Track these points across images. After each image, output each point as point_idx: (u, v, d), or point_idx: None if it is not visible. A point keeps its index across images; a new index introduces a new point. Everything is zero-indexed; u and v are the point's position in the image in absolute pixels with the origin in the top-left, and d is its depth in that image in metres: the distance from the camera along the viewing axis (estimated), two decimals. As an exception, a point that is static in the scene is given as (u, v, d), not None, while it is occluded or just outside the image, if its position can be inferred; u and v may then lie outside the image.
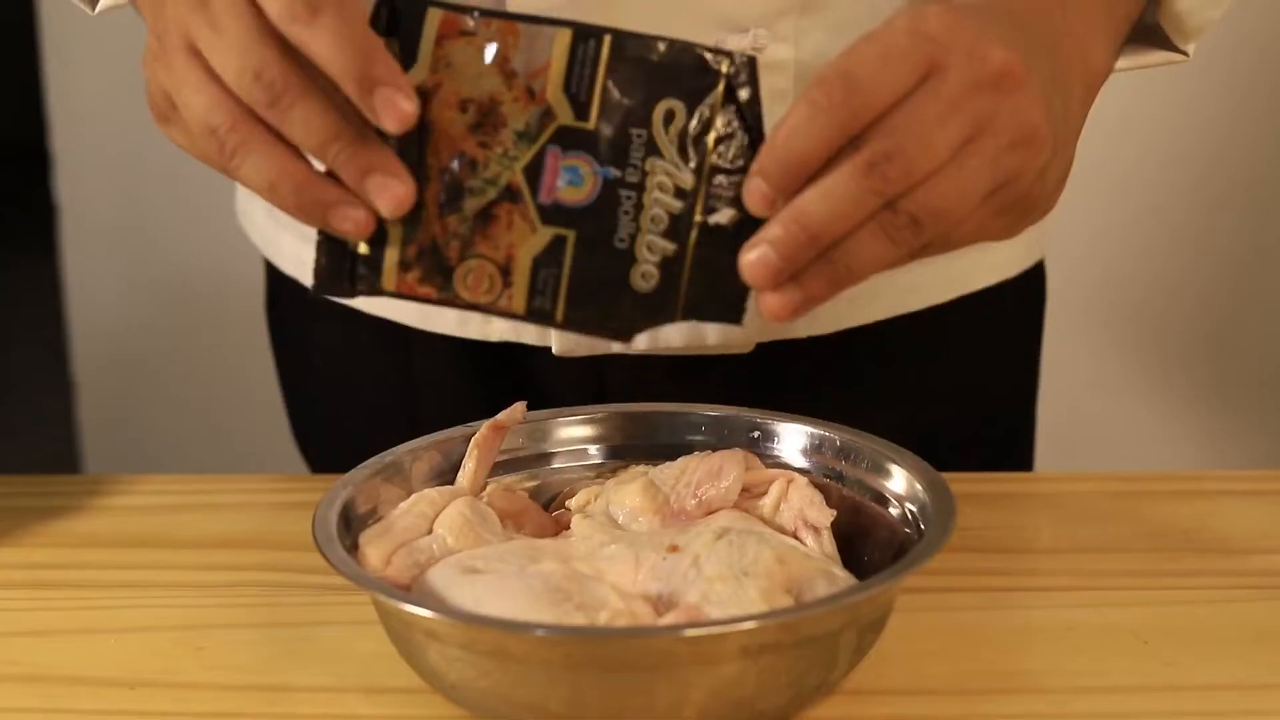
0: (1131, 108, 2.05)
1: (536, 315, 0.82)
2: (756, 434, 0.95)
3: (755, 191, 0.78)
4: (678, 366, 1.13)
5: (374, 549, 0.84)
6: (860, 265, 0.79)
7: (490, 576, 0.81)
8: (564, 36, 0.80)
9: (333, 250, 0.83)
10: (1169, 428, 2.17)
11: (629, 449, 0.96)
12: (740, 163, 0.80)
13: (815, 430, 0.94)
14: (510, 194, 0.81)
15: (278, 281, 1.29)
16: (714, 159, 0.80)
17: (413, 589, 0.82)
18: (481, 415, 0.95)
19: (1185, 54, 1.04)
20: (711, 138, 0.80)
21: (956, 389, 1.21)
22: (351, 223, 0.81)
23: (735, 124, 0.80)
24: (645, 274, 0.81)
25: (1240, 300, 2.13)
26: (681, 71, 0.80)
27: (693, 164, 0.80)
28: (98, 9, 1.10)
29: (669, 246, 0.81)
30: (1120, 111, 2.06)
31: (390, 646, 0.83)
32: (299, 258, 1.21)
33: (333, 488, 0.87)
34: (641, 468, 0.92)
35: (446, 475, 0.92)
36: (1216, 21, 1.02)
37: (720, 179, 0.80)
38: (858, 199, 0.76)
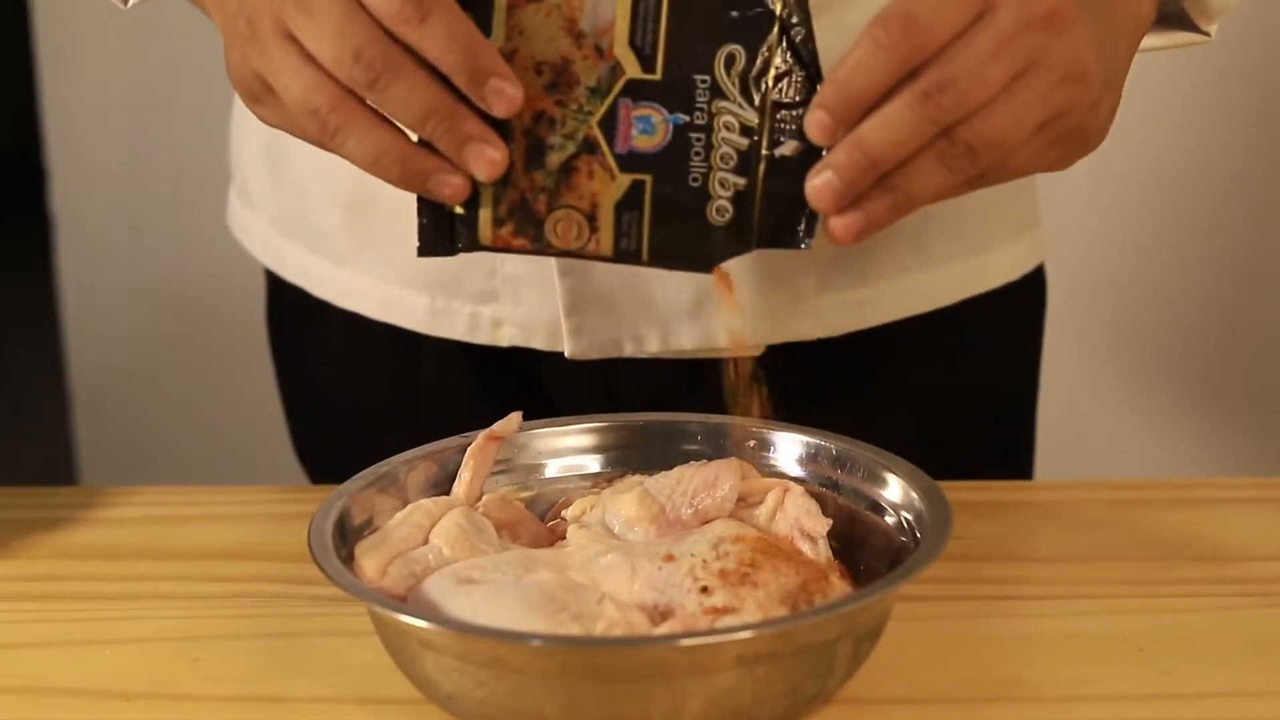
0: (1134, 114, 2.05)
1: (623, 256, 0.88)
2: (752, 443, 0.95)
3: (818, 123, 0.83)
4: (687, 370, 1.13)
5: (370, 559, 0.84)
6: (919, 191, 0.84)
7: (486, 587, 0.81)
8: None
9: (432, 213, 0.88)
10: (1167, 434, 2.17)
11: (625, 458, 0.96)
12: (799, 97, 0.85)
13: (811, 439, 0.94)
14: (589, 146, 0.87)
15: (279, 291, 1.29)
16: (775, 96, 0.85)
17: (408, 599, 0.82)
18: (488, 423, 0.95)
19: (1207, 34, 1.09)
20: (771, 76, 0.85)
21: (960, 393, 1.21)
22: (450, 188, 0.86)
23: (792, 61, 0.85)
24: (720, 209, 0.86)
25: (1240, 307, 2.13)
26: (738, 16, 0.85)
27: (755, 102, 0.85)
28: (130, 2, 1.13)
29: (740, 181, 0.86)
30: (1122, 117, 2.06)
31: (386, 657, 0.83)
32: (303, 266, 1.22)
33: (328, 498, 0.87)
34: (637, 477, 0.92)
35: (442, 485, 0.92)
36: (1235, 3, 1.07)
37: (782, 114, 0.85)
38: (914, 127, 0.82)
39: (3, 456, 3.33)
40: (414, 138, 0.86)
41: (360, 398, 1.25)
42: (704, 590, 0.79)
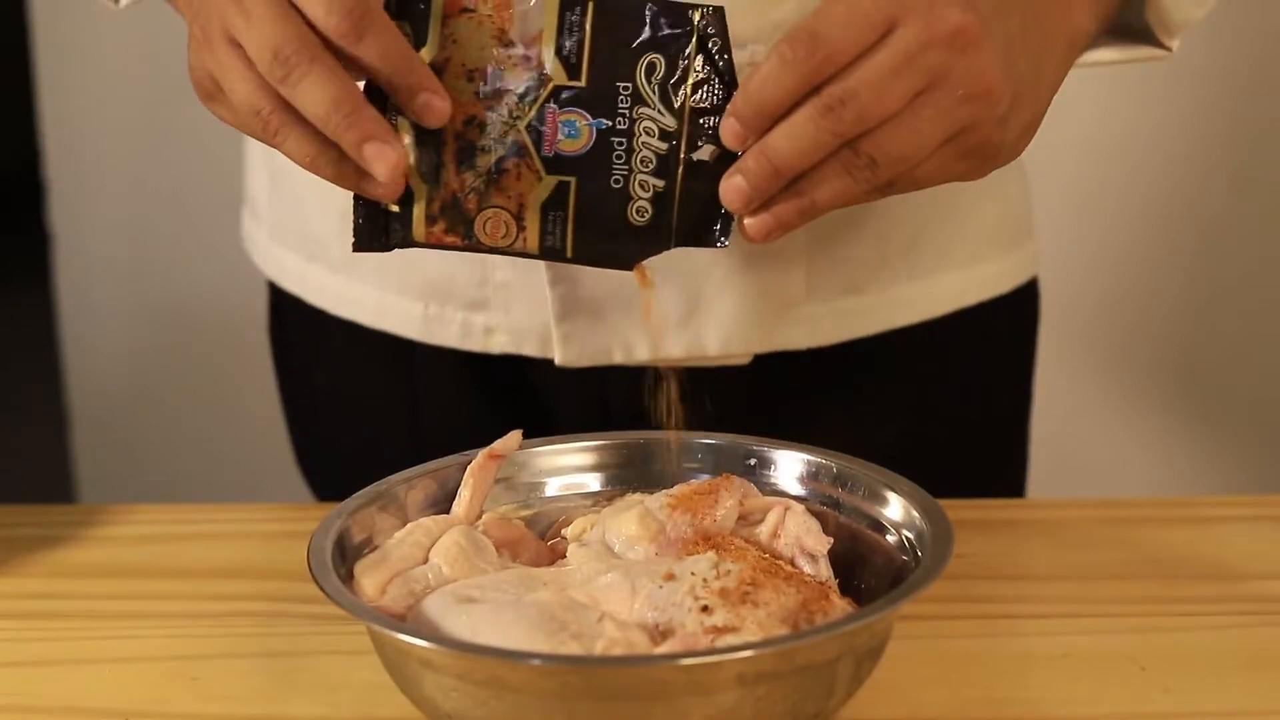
0: (1128, 129, 2.06)
1: (549, 253, 0.92)
2: (753, 461, 0.95)
3: (729, 130, 0.88)
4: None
5: (369, 578, 0.84)
6: (824, 197, 0.88)
7: (486, 606, 0.80)
8: (552, 5, 0.90)
9: (368, 210, 0.92)
10: (1162, 450, 2.17)
11: (625, 477, 0.96)
12: (715, 103, 0.90)
13: (812, 458, 0.94)
14: (517, 150, 0.91)
15: (281, 301, 1.29)
16: (693, 103, 0.90)
17: (408, 618, 0.82)
18: (485, 430, 0.95)
19: (1168, 49, 1.10)
20: (689, 84, 0.90)
21: (951, 405, 1.21)
22: (381, 188, 0.89)
23: (709, 71, 0.90)
24: (640, 209, 0.91)
25: (1236, 323, 2.13)
26: (659, 27, 0.90)
27: (674, 108, 0.90)
28: (122, 3, 1.15)
29: (659, 183, 0.91)
30: (1117, 131, 2.06)
31: (386, 676, 0.82)
32: (301, 274, 1.23)
33: (328, 517, 0.87)
34: (638, 496, 0.92)
35: (442, 504, 0.92)
36: (1200, 20, 1.08)
37: (700, 120, 0.90)
38: (817, 137, 0.86)
39: (1, 474, 3.33)
40: None
41: (359, 405, 1.25)
42: (704, 609, 0.79)
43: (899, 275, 1.15)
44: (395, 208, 0.92)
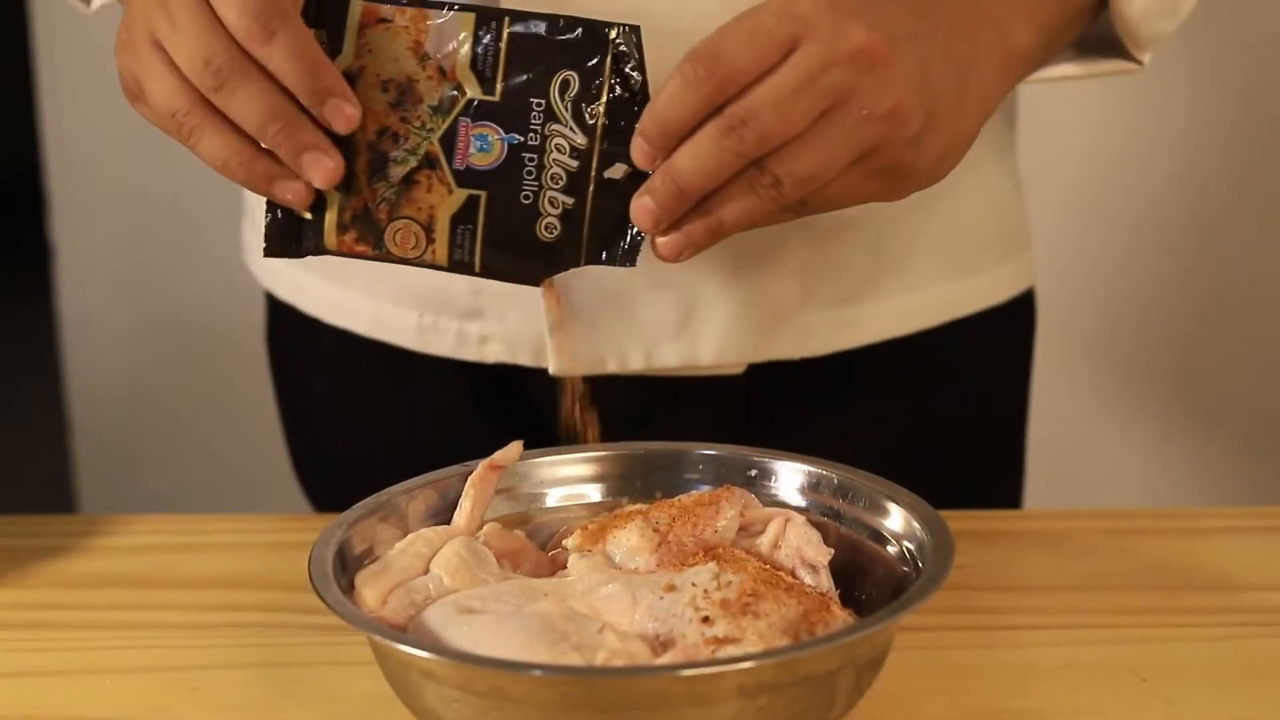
0: (1125, 138, 2.06)
1: (457, 266, 0.93)
2: (754, 472, 0.95)
3: (638, 149, 0.89)
4: (672, 388, 1.13)
5: (370, 589, 0.84)
6: (731, 216, 0.89)
7: (487, 616, 0.80)
8: (468, 19, 0.91)
9: (280, 217, 0.94)
10: (1160, 460, 2.17)
11: (626, 487, 0.96)
12: (628, 122, 0.90)
13: (813, 469, 0.94)
14: (429, 162, 0.92)
15: (278, 312, 1.30)
16: (606, 121, 0.91)
17: (409, 629, 0.82)
18: (480, 439, 0.95)
19: (1140, 62, 1.09)
20: (603, 102, 0.91)
21: (948, 415, 1.21)
22: (292, 193, 0.91)
23: (622, 88, 0.90)
24: (549, 226, 0.92)
25: (1236, 332, 2.13)
26: (574, 45, 0.91)
27: (586, 126, 0.91)
28: (94, 6, 1.17)
29: (569, 200, 0.92)
30: (1115, 142, 2.06)
31: (387, 687, 0.82)
32: (297, 284, 1.23)
33: (329, 527, 0.87)
34: (639, 507, 0.92)
35: (443, 515, 0.92)
36: (1170, 33, 1.08)
37: (612, 138, 0.91)
38: (720, 157, 0.86)
39: (2, 484, 3.32)
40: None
41: (355, 414, 1.25)
42: (705, 620, 0.79)
43: (894, 285, 1.15)
44: (308, 215, 0.93)
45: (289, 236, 0.94)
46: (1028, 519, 1.16)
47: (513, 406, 1.17)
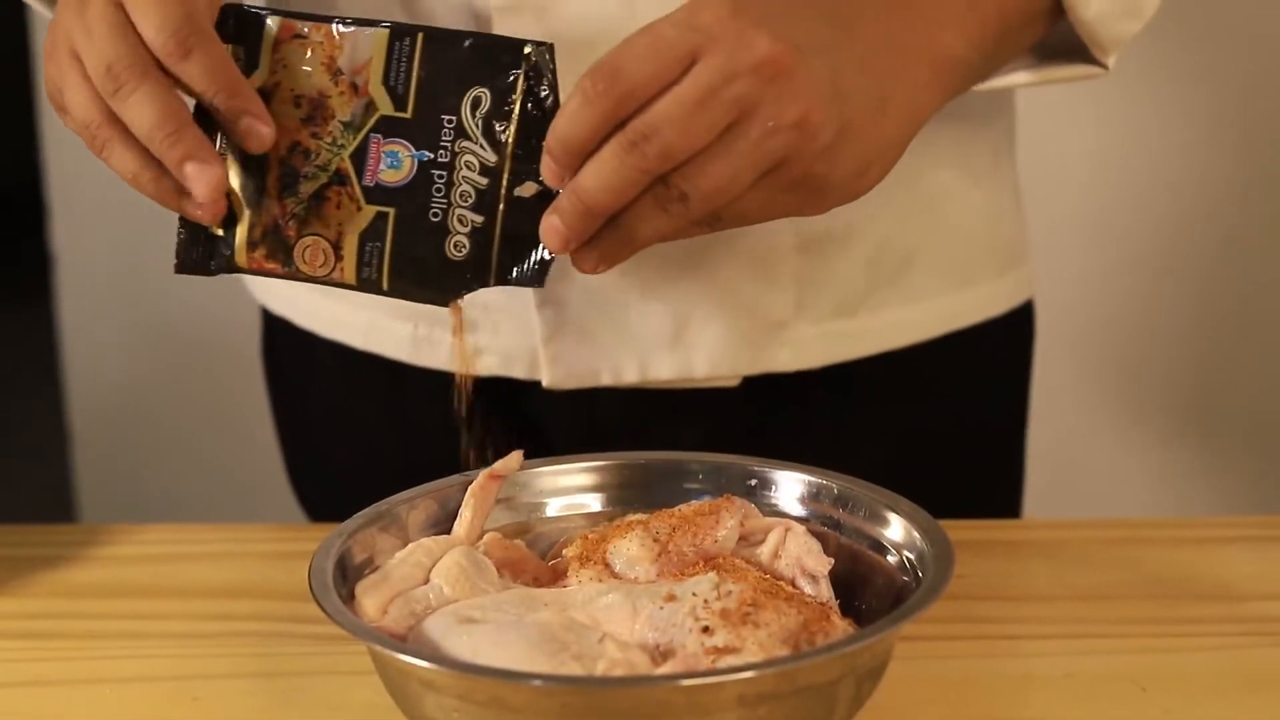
0: (1125, 150, 2.06)
1: (365, 285, 0.92)
2: (754, 482, 0.95)
3: (546, 167, 0.88)
4: (667, 400, 1.13)
5: (370, 599, 0.84)
6: (641, 232, 0.88)
7: (487, 626, 0.80)
8: (381, 36, 0.91)
9: (191, 232, 0.93)
10: (1158, 471, 2.17)
11: (626, 497, 0.96)
12: (539, 141, 0.89)
13: (813, 478, 0.94)
14: (339, 178, 0.91)
15: (273, 325, 1.29)
16: (516, 138, 0.90)
17: (409, 639, 0.82)
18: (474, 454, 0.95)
19: (1104, 66, 1.06)
20: (514, 120, 0.90)
21: (946, 426, 1.21)
22: (200, 209, 0.90)
23: (534, 107, 0.90)
24: (458, 244, 0.91)
25: (1232, 342, 2.13)
26: (486, 62, 0.90)
27: (497, 144, 0.90)
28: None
29: (478, 218, 0.91)
30: (1115, 153, 2.06)
31: (387, 696, 0.82)
32: (291, 297, 1.23)
33: (329, 537, 0.87)
34: (639, 516, 0.92)
35: (443, 524, 0.92)
36: (1135, 34, 1.05)
37: (523, 156, 0.90)
38: (623, 174, 0.85)
39: (2, 494, 3.32)
40: None
41: (350, 426, 1.25)
42: (705, 630, 0.79)
43: (890, 297, 1.14)
44: (220, 231, 0.92)
45: (200, 254, 0.93)
46: (1028, 528, 1.16)
47: (506, 420, 1.16)
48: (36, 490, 3.15)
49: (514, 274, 0.91)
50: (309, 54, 0.91)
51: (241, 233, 0.92)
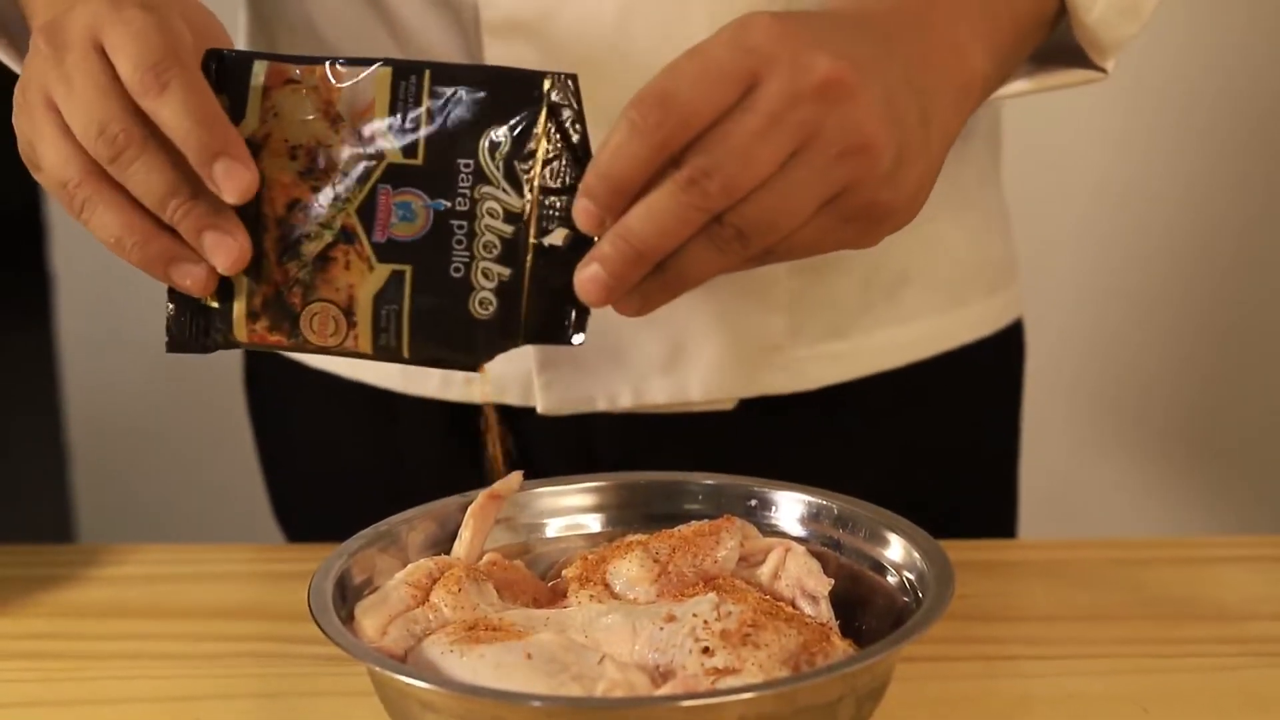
0: (1116, 168, 2.06)
1: (383, 353, 0.83)
2: (754, 502, 0.95)
3: (583, 211, 0.79)
4: (663, 424, 1.13)
5: (370, 619, 0.84)
6: (692, 274, 0.81)
7: (487, 647, 0.80)
8: (384, 76, 0.82)
9: (182, 305, 0.85)
10: (1153, 491, 2.17)
11: (626, 518, 0.96)
12: (568, 181, 0.81)
13: (813, 499, 0.94)
14: (346, 235, 0.82)
15: (256, 355, 1.28)
16: (542, 180, 0.81)
17: (408, 660, 0.82)
18: (466, 482, 0.95)
19: (1104, 70, 1.04)
20: (538, 160, 0.81)
21: (938, 447, 1.21)
22: (192, 279, 0.83)
23: (560, 144, 0.81)
24: (483, 301, 0.82)
25: (1225, 361, 2.13)
26: (503, 98, 0.81)
27: (521, 188, 0.81)
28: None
29: (505, 271, 0.82)
30: (1105, 171, 2.06)
31: (386, 717, 0.82)
32: None
33: (328, 558, 0.87)
34: (639, 537, 0.92)
35: (442, 545, 0.92)
36: (1134, 37, 1.02)
37: (551, 200, 0.81)
38: (680, 215, 0.78)
39: (1, 514, 3.32)
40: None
41: (338, 458, 1.24)
42: (705, 651, 0.79)
43: (882, 319, 1.14)
44: (214, 303, 0.84)
45: (194, 329, 0.85)
46: (1028, 549, 1.16)
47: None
48: (36, 509, 3.14)
49: (546, 331, 0.83)
50: (304, 99, 0.83)
51: (240, 304, 0.84)
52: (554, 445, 1.14)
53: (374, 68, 0.83)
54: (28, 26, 0.97)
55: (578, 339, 0.83)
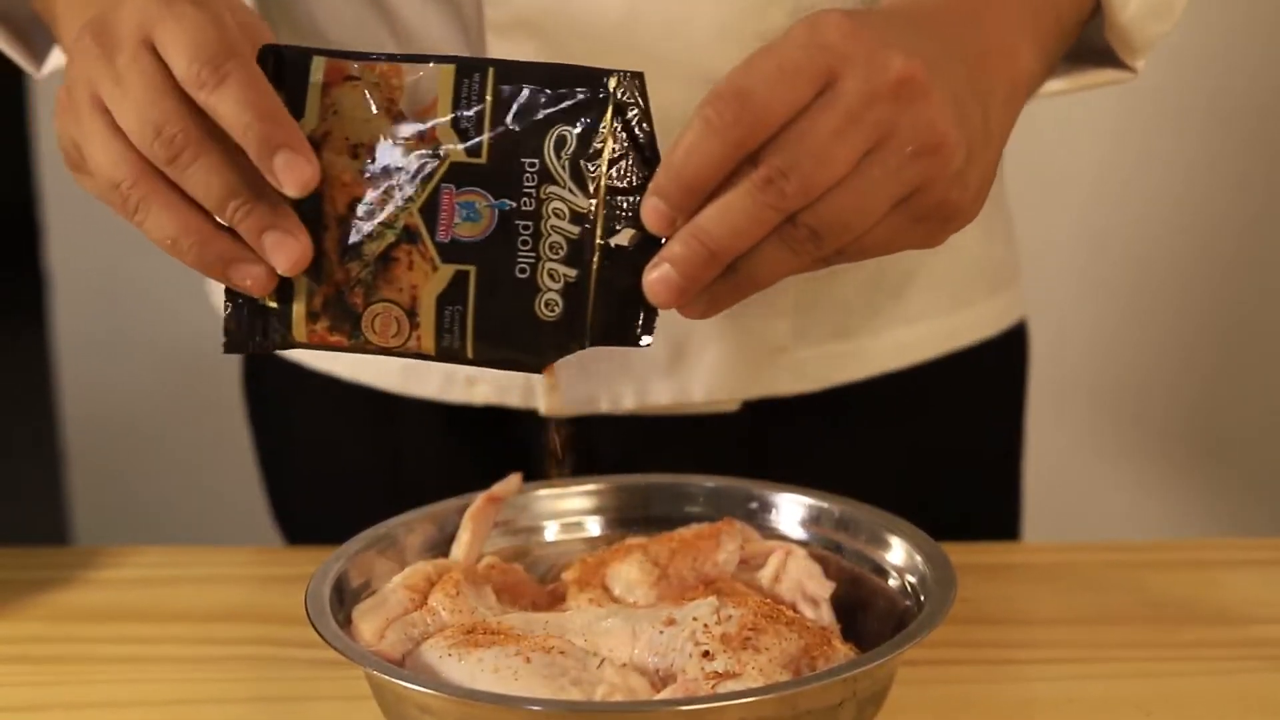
0: (1120, 168, 2.06)
1: (447, 354, 0.82)
2: (754, 505, 0.94)
3: (653, 211, 0.78)
4: (666, 426, 1.13)
5: (367, 623, 0.84)
6: (764, 275, 0.80)
7: (485, 651, 0.80)
8: (447, 73, 0.81)
9: (241, 307, 0.84)
10: (1155, 493, 2.17)
11: (626, 521, 0.96)
12: (635, 181, 0.80)
13: (813, 501, 0.93)
14: (409, 235, 0.81)
15: (254, 357, 1.28)
16: (609, 180, 0.80)
17: (406, 663, 0.81)
18: (467, 483, 0.94)
19: (1134, 70, 1.04)
20: (604, 159, 0.80)
21: (942, 448, 1.21)
22: (251, 279, 0.81)
23: (627, 143, 0.80)
24: (549, 302, 0.81)
25: (1227, 363, 2.13)
26: (569, 96, 0.80)
27: (588, 187, 0.80)
28: (44, 71, 1.10)
29: (570, 272, 0.80)
30: (1109, 172, 2.06)
31: (384, 722, 0.82)
32: None
33: (326, 561, 0.87)
34: (639, 540, 0.92)
35: (441, 547, 0.92)
36: (1164, 35, 1.02)
37: (618, 200, 0.80)
38: (756, 215, 0.77)
39: (-3, 515, 3.32)
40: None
41: (338, 459, 1.24)
42: (706, 654, 0.78)
43: (890, 319, 1.14)
44: (273, 303, 0.83)
45: (252, 329, 0.84)
46: (1029, 552, 1.16)
47: (501, 449, 1.15)
48: (31, 511, 3.14)
49: (613, 332, 0.81)
50: (364, 97, 0.81)
51: (300, 305, 0.82)
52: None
53: (437, 64, 0.82)
54: (34, 17, 0.97)
55: (645, 340, 0.82)
